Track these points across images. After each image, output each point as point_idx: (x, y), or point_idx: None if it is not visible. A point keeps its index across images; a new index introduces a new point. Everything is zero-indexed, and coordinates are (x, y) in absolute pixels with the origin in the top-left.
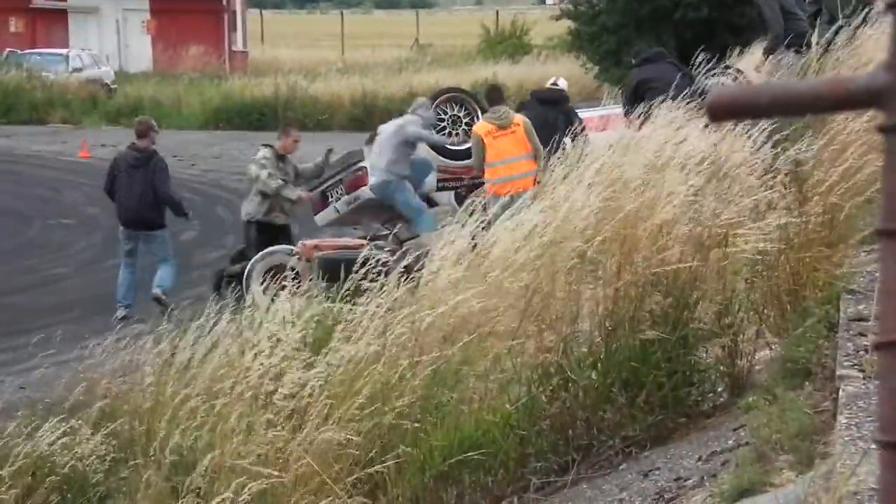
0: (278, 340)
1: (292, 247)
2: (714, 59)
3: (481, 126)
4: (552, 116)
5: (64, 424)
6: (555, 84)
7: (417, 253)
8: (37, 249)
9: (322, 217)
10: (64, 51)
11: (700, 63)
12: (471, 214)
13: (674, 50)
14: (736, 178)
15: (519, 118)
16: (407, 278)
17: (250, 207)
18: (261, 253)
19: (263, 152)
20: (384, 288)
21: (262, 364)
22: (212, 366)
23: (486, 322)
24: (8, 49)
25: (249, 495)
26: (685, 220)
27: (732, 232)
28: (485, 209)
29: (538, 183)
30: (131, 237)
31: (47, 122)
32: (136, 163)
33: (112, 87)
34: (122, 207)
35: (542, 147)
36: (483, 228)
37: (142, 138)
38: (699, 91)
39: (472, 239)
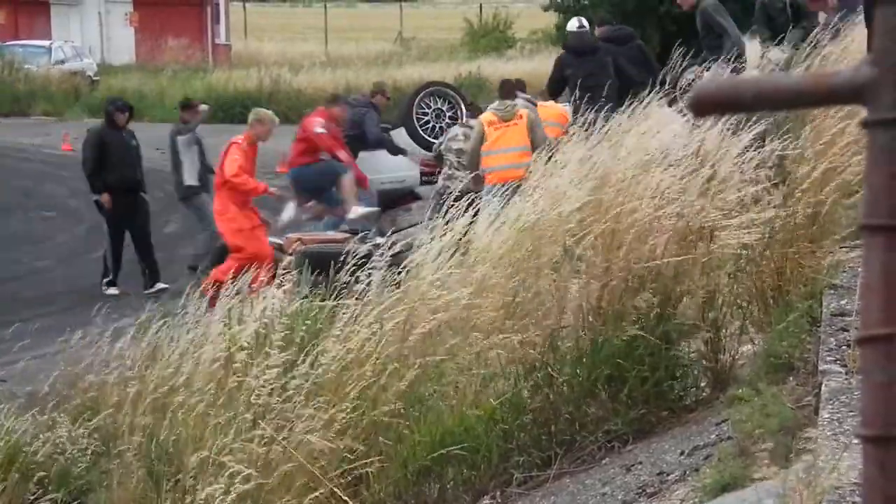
0: (264, 337)
1: (278, 240)
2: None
3: (485, 116)
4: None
5: (45, 417)
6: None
7: (403, 247)
8: (19, 242)
9: (301, 211)
10: (46, 42)
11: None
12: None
13: (658, 44)
14: (721, 173)
15: (524, 112)
16: (393, 272)
17: None
18: None
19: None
20: (369, 284)
21: (245, 360)
22: (193, 360)
23: (471, 317)
24: None
25: (231, 490)
26: (670, 214)
27: (717, 227)
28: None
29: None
30: None
31: (29, 114)
32: None
33: (94, 79)
34: None
35: (545, 140)
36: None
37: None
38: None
39: (461, 234)
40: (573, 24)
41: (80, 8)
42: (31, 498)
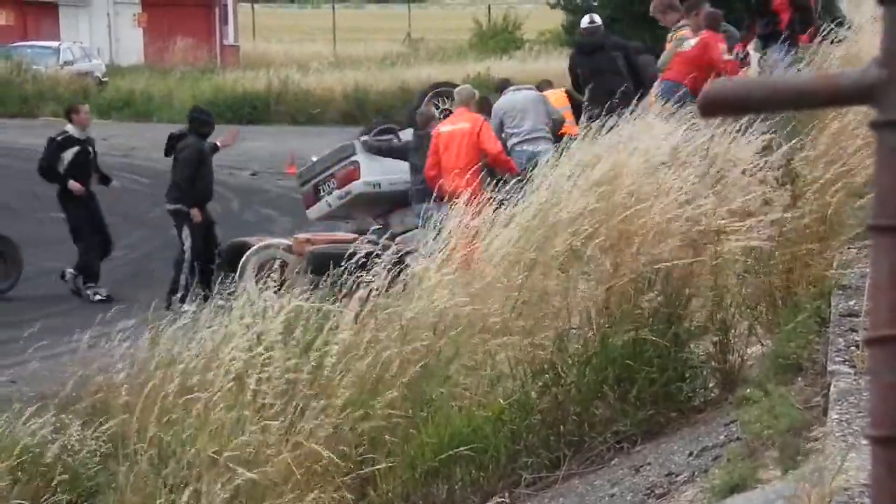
0: (261, 334)
1: (287, 241)
2: None
3: None
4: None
5: (55, 419)
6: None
7: (409, 248)
8: (28, 243)
9: (314, 211)
10: (55, 44)
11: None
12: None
13: None
14: (729, 175)
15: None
16: (398, 273)
17: None
18: (255, 247)
19: None
20: (374, 282)
21: (246, 357)
22: (197, 359)
23: (478, 317)
24: None
25: (234, 490)
26: (679, 217)
27: (725, 228)
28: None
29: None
30: None
31: (37, 115)
32: None
33: (103, 80)
34: None
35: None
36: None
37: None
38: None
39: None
40: (584, 22)
41: (88, 9)
42: (41, 499)
